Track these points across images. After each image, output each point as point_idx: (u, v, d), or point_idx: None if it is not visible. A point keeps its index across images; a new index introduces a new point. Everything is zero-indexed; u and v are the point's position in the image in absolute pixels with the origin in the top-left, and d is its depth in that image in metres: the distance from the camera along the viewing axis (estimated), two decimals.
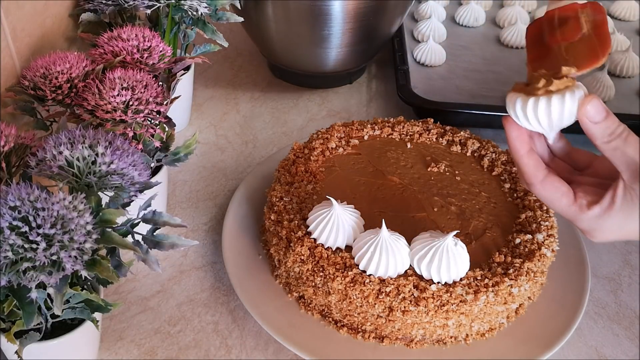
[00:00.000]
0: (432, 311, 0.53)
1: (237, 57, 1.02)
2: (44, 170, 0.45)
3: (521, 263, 0.56)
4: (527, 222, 0.61)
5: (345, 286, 0.54)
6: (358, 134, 0.71)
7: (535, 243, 0.58)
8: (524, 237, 0.59)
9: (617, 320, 0.63)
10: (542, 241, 0.59)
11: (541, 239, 0.59)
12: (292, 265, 0.57)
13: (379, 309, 0.54)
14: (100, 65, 0.56)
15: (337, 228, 0.57)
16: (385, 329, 0.56)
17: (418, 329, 0.55)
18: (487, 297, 0.54)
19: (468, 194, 0.65)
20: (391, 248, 0.54)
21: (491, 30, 1.05)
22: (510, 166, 0.67)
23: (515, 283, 0.55)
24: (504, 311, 0.57)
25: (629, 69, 0.93)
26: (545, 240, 0.59)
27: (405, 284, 0.54)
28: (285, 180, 0.64)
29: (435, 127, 0.72)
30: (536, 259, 0.57)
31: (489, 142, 0.71)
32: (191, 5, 0.67)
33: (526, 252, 0.58)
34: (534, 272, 0.56)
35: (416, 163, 0.68)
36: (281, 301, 0.60)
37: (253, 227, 0.68)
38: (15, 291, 0.42)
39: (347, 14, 0.81)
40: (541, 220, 0.61)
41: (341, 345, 0.57)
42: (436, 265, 0.54)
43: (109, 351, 0.58)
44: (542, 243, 0.58)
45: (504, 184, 0.66)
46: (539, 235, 0.59)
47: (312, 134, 0.70)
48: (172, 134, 0.61)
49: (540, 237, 0.59)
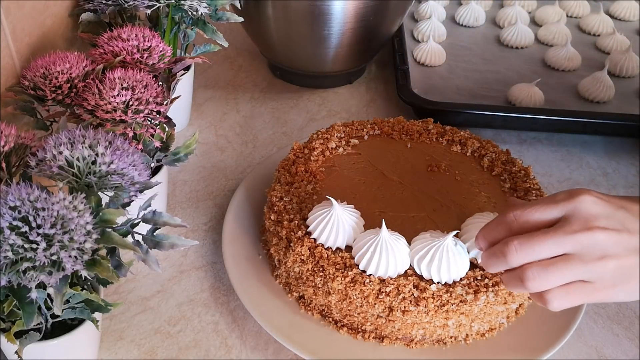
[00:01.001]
0: (432, 311, 0.53)
1: (237, 57, 1.02)
2: (44, 170, 0.45)
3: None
4: None
5: (345, 286, 0.54)
6: (358, 134, 0.71)
7: None
8: None
9: (617, 320, 0.63)
10: None
11: None
12: (292, 265, 0.57)
13: (379, 309, 0.54)
14: (100, 65, 0.56)
15: (337, 228, 0.57)
16: (385, 329, 0.56)
17: (418, 329, 0.55)
18: (487, 297, 0.54)
19: (468, 193, 0.65)
20: (391, 248, 0.54)
21: (491, 30, 1.05)
22: (510, 166, 0.67)
23: None
24: (504, 311, 0.57)
25: (629, 69, 0.93)
26: None
27: (405, 284, 0.54)
28: (285, 180, 0.64)
29: (435, 127, 0.72)
30: None
31: (489, 142, 0.71)
32: (191, 5, 0.67)
33: None
34: None
35: (416, 163, 0.68)
36: (281, 301, 0.60)
37: (253, 227, 0.68)
38: (15, 291, 0.42)
39: (347, 14, 0.81)
40: None
41: (341, 345, 0.57)
42: (436, 265, 0.54)
43: (109, 351, 0.58)
44: None
45: (504, 183, 0.66)
46: None
47: (312, 134, 0.70)
48: (172, 134, 0.61)
49: None
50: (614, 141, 0.87)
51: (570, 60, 0.94)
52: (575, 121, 0.83)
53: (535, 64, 0.97)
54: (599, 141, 0.87)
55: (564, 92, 0.90)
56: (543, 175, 0.80)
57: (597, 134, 0.86)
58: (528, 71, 0.94)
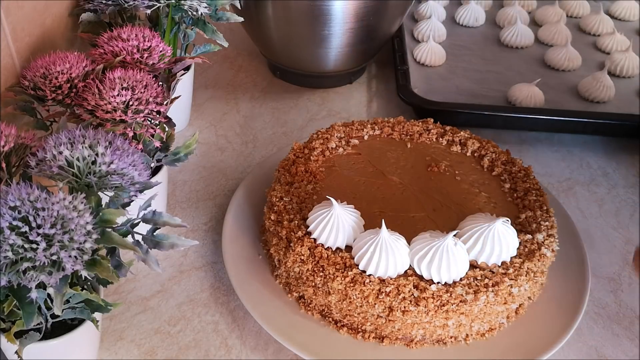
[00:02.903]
0: (432, 311, 0.53)
1: (237, 57, 1.02)
2: (44, 170, 0.45)
3: (521, 263, 0.56)
4: (527, 222, 0.61)
5: (345, 286, 0.54)
6: (358, 134, 0.71)
7: (535, 243, 0.58)
8: (524, 237, 0.59)
9: (617, 320, 0.63)
10: (542, 241, 0.59)
11: (541, 239, 0.59)
12: (292, 265, 0.57)
13: (379, 309, 0.54)
14: (100, 65, 0.56)
15: (337, 228, 0.57)
16: (385, 329, 0.56)
17: (418, 329, 0.55)
18: (487, 297, 0.54)
19: (468, 194, 0.65)
20: (391, 248, 0.54)
21: (491, 30, 1.05)
22: (510, 166, 0.67)
23: (515, 283, 0.55)
24: (504, 311, 0.57)
25: (629, 69, 0.93)
26: (545, 240, 0.59)
27: (405, 284, 0.54)
28: (285, 180, 0.64)
29: (435, 127, 0.72)
30: (536, 259, 0.57)
31: (489, 142, 0.71)
32: (191, 5, 0.67)
33: (526, 252, 0.58)
34: (534, 272, 0.56)
35: (416, 163, 0.68)
36: (281, 301, 0.60)
37: (253, 227, 0.68)
38: (15, 291, 0.42)
39: (347, 14, 0.81)
40: (541, 220, 0.61)
41: (341, 345, 0.57)
42: (436, 265, 0.54)
43: (109, 351, 0.58)
44: (542, 243, 0.58)
45: (504, 184, 0.66)
46: (539, 235, 0.59)
47: (312, 134, 0.70)
48: (172, 134, 0.61)
49: (540, 237, 0.59)
50: (614, 141, 0.87)
51: (570, 60, 0.94)
52: (575, 121, 0.83)
53: (535, 64, 0.97)
54: (598, 141, 0.87)
55: (564, 92, 0.90)
56: (543, 175, 0.80)
57: (597, 134, 0.86)
58: (528, 71, 0.94)
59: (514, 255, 0.57)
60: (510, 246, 0.57)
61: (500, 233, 0.56)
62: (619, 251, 0.70)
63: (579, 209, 0.76)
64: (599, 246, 0.71)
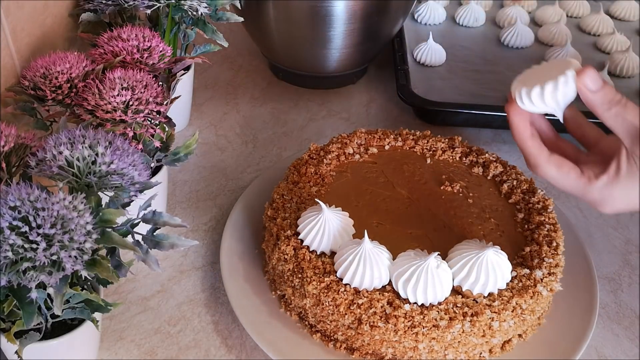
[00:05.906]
0: (402, 331, 0.51)
1: (237, 57, 1.02)
2: (44, 170, 0.45)
3: (510, 297, 0.53)
4: (530, 256, 0.57)
5: (319, 291, 0.53)
6: (379, 142, 0.70)
7: (532, 279, 0.55)
8: (520, 270, 0.56)
9: (617, 320, 0.63)
10: (540, 278, 0.55)
11: (540, 275, 0.55)
12: (277, 263, 0.57)
13: (349, 319, 0.52)
14: (100, 65, 0.56)
15: (323, 232, 0.56)
16: (355, 342, 0.55)
17: (387, 347, 0.53)
18: (462, 326, 0.51)
19: (476, 218, 0.62)
20: (371, 260, 0.53)
21: (491, 30, 1.05)
22: (530, 195, 0.63)
23: (498, 317, 0.52)
24: (483, 344, 0.54)
25: (629, 69, 0.93)
26: (545, 278, 0.55)
27: (380, 298, 0.52)
28: (292, 179, 0.64)
29: (461, 146, 0.69)
30: (528, 296, 0.53)
31: (514, 167, 0.67)
32: (191, 5, 0.67)
33: (519, 287, 0.54)
34: (523, 310, 0.53)
35: (430, 179, 0.66)
36: (264, 297, 0.60)
37: (254, 230, 0.68)
38: (15, 291, 0.42)
39: (350, 14, 0.81)
40: (545, 256, 0.57)
41: (311, 351, 0.56)
42: (413, 285, 0.52)
43: (109, 351, 0.58)
44: (539, 280, 0.55)
45: (518, 213, 0.63)
46: (539, 272, 0.55)
47: (333, 137, 0.69)
48: (172, 134, 0.61)
49: (539, 274, 0.55)
50: None
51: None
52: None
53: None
54: None
55: None
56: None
57: None
58: None
59: (503, 287, 0.54)
60: (499, 277, 0.54)
61: (490, 262, 0.53)
62: (619, 251, 0.70)
63: (579, 209, 0.76)
64: (599, 246, 0.71)
